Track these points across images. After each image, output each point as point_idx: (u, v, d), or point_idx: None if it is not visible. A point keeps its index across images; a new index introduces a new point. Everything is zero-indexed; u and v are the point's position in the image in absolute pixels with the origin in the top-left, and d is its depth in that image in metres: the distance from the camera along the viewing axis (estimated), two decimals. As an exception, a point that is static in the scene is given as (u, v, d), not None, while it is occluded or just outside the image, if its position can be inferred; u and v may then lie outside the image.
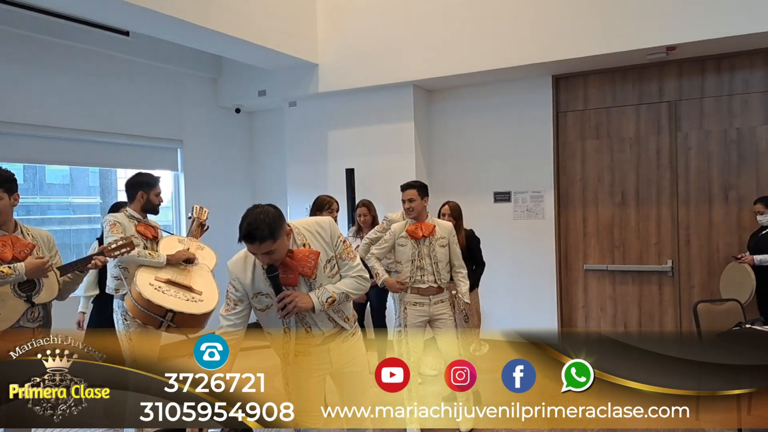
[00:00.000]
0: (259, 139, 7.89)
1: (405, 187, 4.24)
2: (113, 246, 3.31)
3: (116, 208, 4.13)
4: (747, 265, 5.05)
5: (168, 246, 3.81)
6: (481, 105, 6.56)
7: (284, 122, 7.34)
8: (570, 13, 5.53)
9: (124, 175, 7.15)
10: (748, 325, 4.01)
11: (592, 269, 6.24)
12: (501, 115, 6.47)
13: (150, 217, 3.91)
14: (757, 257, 5.01)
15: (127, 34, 6.15)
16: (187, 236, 4.03)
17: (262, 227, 2.33)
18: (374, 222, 5.25)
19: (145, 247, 3.70)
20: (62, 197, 6.61)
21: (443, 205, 4.94)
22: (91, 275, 4.20)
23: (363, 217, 5.28)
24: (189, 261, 3.76)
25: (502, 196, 6.46)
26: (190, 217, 4.16)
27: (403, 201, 4.20)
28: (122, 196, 7.31)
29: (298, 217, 4.01)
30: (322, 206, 4.37)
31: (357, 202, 5.63)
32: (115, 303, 3.72)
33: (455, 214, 4.86)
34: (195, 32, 5.43)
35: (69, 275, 3.09)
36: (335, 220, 4.22)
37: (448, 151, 6.76)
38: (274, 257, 2.41)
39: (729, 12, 4.95)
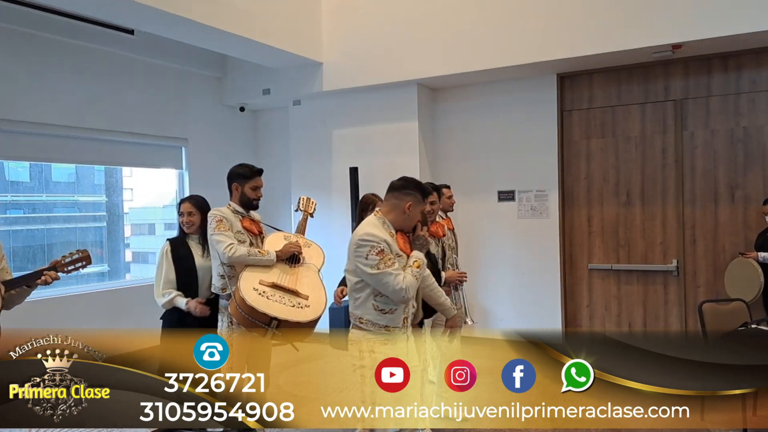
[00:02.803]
0: (263, 137, 7.91)
1: (443, 186, 4.30)
2: (67, 260, 3.02)
3: None
4: (753, 260, 5.05)
5: (273, 244, 3.60)
6: (486, 103, 6.54)
7: (288, 121, 7.35)
8: (574, 12, 5.51)
9: (129, 173, 7.17)
10: (753, 326, 3.99)
11: (596, 269, 6.21)
12: (505, 114, 6.45)
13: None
14: (762, 254, 5.02)
15: (131, 32, 6.17)
16: (295, 232, 3.80)
17: None
18: None
19: (251, 245, 3.52)
20: (68, 195, 6.63)
21: None
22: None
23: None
24: (296, 260, 3.54)
25: (506, 195, 6.45)
26: (296, 210, 3.93)
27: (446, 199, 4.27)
28: (127, 195, 7.34)
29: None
30: (370, 205, 4.05)
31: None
32: (221, 302, 3.57)
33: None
34: (200, 31, 5.44)
35: (15, 289, 2.86)
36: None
37: (452, 149, 6.75)
38: None
39: (735, 10, 4.92)
